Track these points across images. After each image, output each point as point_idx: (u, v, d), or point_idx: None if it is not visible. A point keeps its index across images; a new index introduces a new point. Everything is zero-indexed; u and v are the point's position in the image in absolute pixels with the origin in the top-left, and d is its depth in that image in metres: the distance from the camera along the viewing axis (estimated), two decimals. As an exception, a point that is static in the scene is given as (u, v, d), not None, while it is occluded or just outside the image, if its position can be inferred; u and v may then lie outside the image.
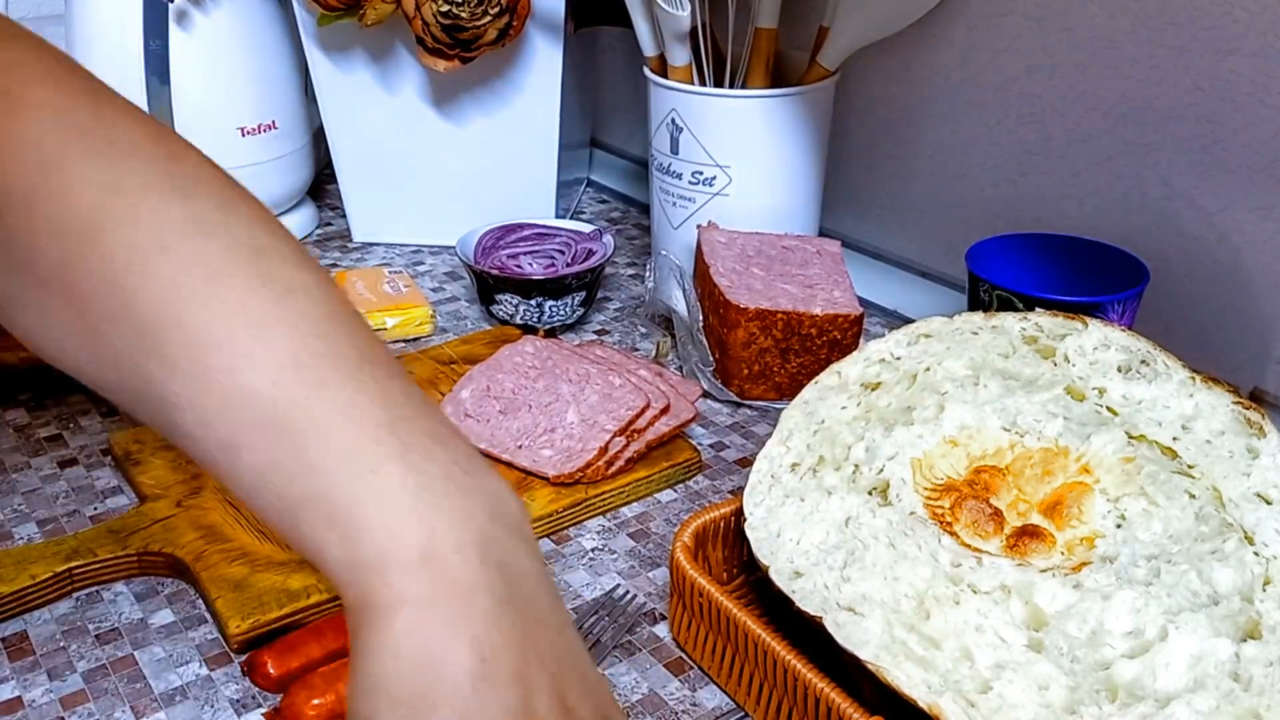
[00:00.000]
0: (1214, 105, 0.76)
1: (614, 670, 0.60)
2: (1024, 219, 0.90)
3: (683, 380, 0.81)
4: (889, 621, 0.52)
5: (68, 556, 0.64)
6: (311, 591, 0.62)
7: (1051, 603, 0.52)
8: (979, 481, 0.60)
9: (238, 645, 0.60)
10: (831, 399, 0.64)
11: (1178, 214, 0.80)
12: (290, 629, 0.61)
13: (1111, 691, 0.49)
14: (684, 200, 0.94)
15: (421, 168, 1.08)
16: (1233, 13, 0.74)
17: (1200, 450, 0.58)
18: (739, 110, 0.89)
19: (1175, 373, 0.61)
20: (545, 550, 0.69)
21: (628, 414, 0.73)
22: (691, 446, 0.77)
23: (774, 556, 0.57)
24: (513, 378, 0.78)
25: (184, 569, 0.65)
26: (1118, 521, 0.57)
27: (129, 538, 0.66)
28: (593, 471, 0.72)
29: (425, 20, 0.92)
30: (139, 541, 0.66)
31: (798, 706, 0.53)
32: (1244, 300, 0.78)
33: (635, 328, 0.97)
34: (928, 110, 0.95)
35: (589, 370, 0.77)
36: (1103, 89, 0.82)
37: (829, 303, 0.81)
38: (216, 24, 1.01)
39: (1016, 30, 0.86)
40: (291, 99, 1.09)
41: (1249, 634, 0.50)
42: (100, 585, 0.65)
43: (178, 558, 0.65)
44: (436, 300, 1.01)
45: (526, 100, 1.03)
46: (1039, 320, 0.66)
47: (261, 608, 0.61)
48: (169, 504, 0.69)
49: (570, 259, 0.94)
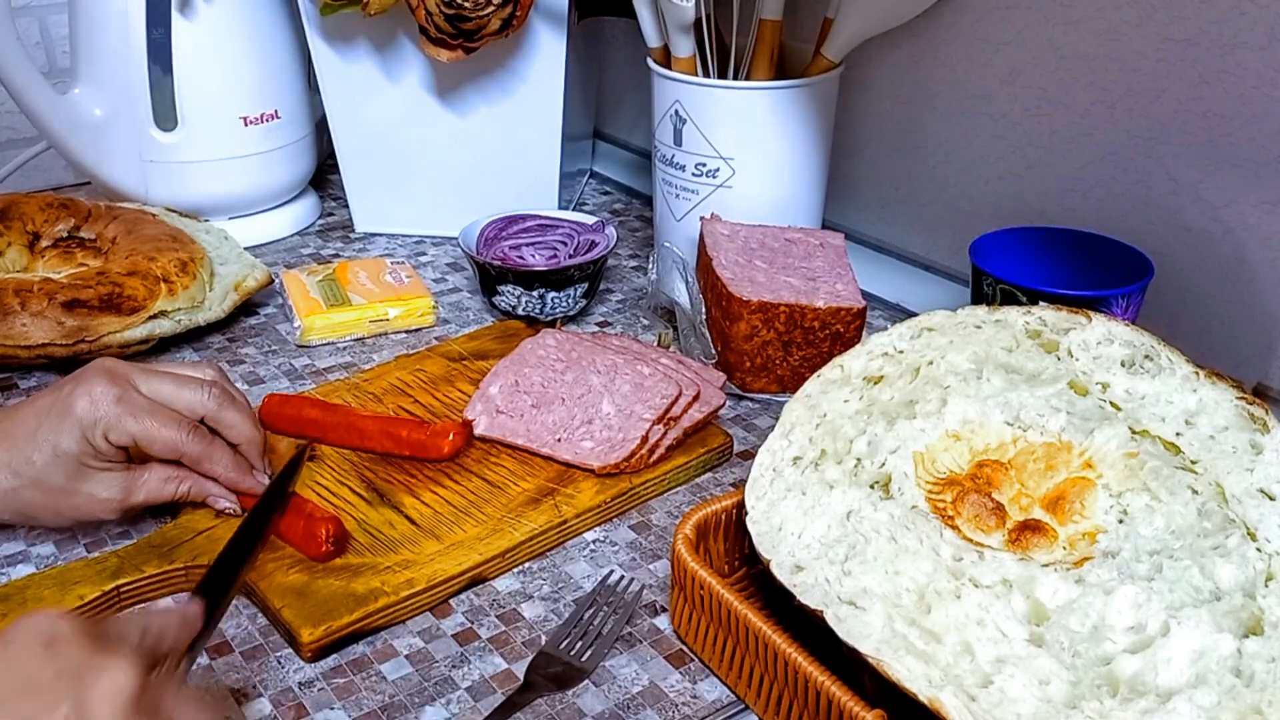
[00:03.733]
0: (1220, 99, 0.76)
1: (615, 662, 0.60)
2: (1028, 212, 0.90)
3: (705, 367, 0.81)
4: (890, 615, 0.52)
5: (114, 574, 0.62)
6: (379, 595, 0.62)
7: (1053, 597, 0.52)
8: (981, 476, 0.60)
9: (310, 654, 0.59)
10: (834, 392, 0.64)
11: (1183, 208, 0.80)
12: (361, 635, 0.61)
13: (1113, 686, 0.49)
14: (687, 192, 0.94)
15: (424, 158, 1.08)
16: (1240, 5, 0.73)
17: (1203, 446, 0.58)
18: (743, 102, 0.89)
19: (1179, 368, 0.61)
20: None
21: (663, 402, 0.74)
22: (724, 432, 0.77)
23: (775, 550, 0.57)
24: (539, 371, 0.78)
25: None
26: (1120, 517, 0.56)
27: (173, 551, 0.65)
28: (636, 461, 0.72)
29: (428, 10, 0.92)
30: (185, 555, 0.64)
31: (798, 699, 0.53)
32: (1249, 295, 0.78)
33: (638, 320, 0.96)
34: (932, 103, 0.95)
35: (615, 361, 0.77)
36: (1108, 82, 0.82)
37: (832, 295, 0.80)
38: (219, 13, 1.01)
39: (1022, 22, 0.86)
40: (294, 89, 1.09)
41: (1251, 630, 0.50)
42: (148, 602, 0.64)
43: None
44: (438, 291, 1.01)
45: (529, 91, 1.03)
46: (1042, 314, 0.65)
47: (331, 614, 0.60)
48: (207, 515, 0.68)
49: (573, 250, 0.93)
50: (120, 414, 0.62)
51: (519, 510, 0.69)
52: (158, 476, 0.66)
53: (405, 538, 0.67)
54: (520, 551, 0.67)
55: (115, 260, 0.90)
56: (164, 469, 0.66)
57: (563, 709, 0.57)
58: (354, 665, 0.60)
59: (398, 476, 0.72)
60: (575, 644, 0.61)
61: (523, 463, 0.74)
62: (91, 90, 1.02)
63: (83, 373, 0.64)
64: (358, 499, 0.70)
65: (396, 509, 0.69)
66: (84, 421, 0.62)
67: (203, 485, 0.67)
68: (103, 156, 1.04)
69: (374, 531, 0.67)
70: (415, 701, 0.57)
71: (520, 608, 0.64)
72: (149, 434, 0.63)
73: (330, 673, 0.59)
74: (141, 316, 0.86)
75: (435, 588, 0.63)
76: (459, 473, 0.73)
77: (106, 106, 1.02)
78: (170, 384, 0.66)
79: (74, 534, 0.69)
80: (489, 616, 0.63)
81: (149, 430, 0.63)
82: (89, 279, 0.86)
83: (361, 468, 0.73)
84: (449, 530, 0.67)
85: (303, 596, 0.61)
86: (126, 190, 1.05)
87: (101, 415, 0.62)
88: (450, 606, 0.64)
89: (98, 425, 0.62)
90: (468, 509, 0.69)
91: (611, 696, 0.58)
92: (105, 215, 0.96)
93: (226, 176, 1.06)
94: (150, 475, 0.65)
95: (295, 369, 0.88)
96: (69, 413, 0.62)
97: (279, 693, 0.58)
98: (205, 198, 1.06)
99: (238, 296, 0.93)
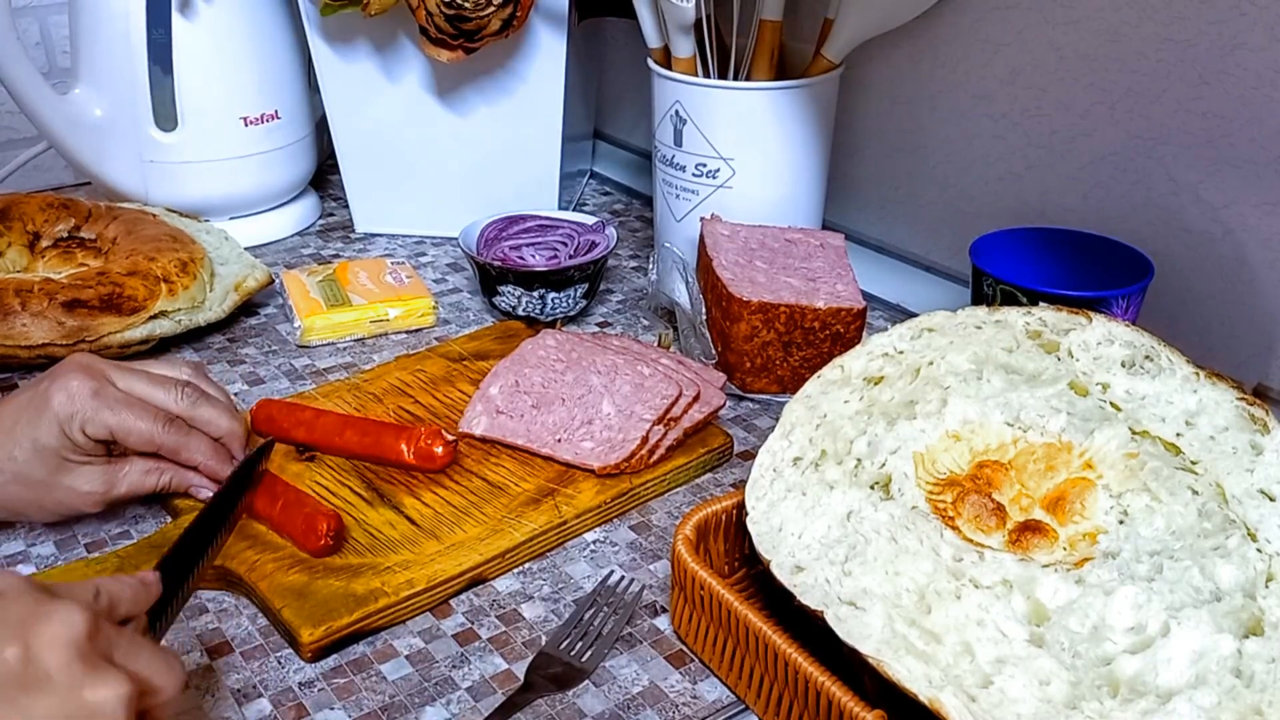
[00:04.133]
0: (1220, 100, 0.76)
1: (615, 662, 0.60)
2: (1028, 213, 0.90)
3: (705, 368, 0.81)
4: (890, 616, 0.52)
5: (114, 574, 0.61)
6: (379, 595, 0.62)
7: (1053, 598, 0.52)
8: (981, 476, 0.60)
9: (311, 654, 0.59)
10: (834, 393, 0.64)
11: (1183, 209, 0.80)
12: (361, 635, 0.61)
13: (1113, 687, 0.49)
14: (687, 192, 0.94)
15: (424, 159, 1.08)
16: (1240, 6, 0.73)
17: (1203, 446, 0.58)
18: (743, 102, 0.89)
19: (1179, 368, 0.61)
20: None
21: (663, 403, 0.74)
22: (724, 432, 0.77)
23: (775, 550, 0.57)
24: (540, 372, 0.78)
25: (236, 580, 0.64)
26: (1120, 517, 0.56)
27: None
28: (636, 461, 0.72)
29: (429, 10, 0.92)
30: None
31: (799, 700, 0.53)
32: (1249, 296, 0.78)
33: (638, 320, 0.96)
34: (932, 103, 0.95)
35: (616, 361, 0.77)
36: (1108, 82, 0.82)
37: (832, 296, 0.80)
38: (220, 13, 1.01)
39: (1022, 23, 0.86)
40: (294, 89, 1.09)
41: (1251, 630, 0.50)
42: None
43: (229, 569, 0.64)
44: (439, 292, 1.01)
45: (530, 91, 1.03)
46: (1043, 315, 0.65)
47: (331, 614, 0.60)
48: None
49: (573, 251, 0.93)
50: (97, 407, 0.63)
51: (519, 511, 0.69)
52: (139, 469, 0.66)
53: (405, 538, 0.67)
54: (520, 552, 0.67)
55: (115, 260, 0.90)
56: (145, 461, 0.67)
57: (563, 709, 0.57)
58: (354, 665, 0.60)
59: (398, 477, 0.72)
60: (575, 644, 0.61)
61: (523, 463, 0.74)
62: (92, 90, 1.02)
63: (59, 368, 0.65)
64: (358, 499, 0.70)
65: (397, 509, 0.69)
66: (61, 416, 0.63)
67: (184, 476, 0.67)
68: (103, 157, 1.04)
69: (374, 532, 0.67)
70: (415, 702, 0.57)
71: (520, 608, 0.64)
72: (125, 426, 0.64)
73: (330, 673, 0.59)
74: (142, 317, 0.86)
75: (435, 588, 0.63)
76: (459, 473, 0.73)
77: (107, 107, 1.02)
78: (144, 382, 0.67)
79: (74, 534, 0.69)
80: (489, 617, 0.63)
81: (125, 422, 0.64)
82: (89, 279, 0.86)
83: (362, 468, 0.73)
84: (449, 530, 0.67)
85: (303, 597, 0.61)
86: (127, 190, 1.05)
87: (78, 409, 0.63)
88: (450, 607, 0.64)
89: (74, 419, 0.63)
90: (468, 509, 0.69)
91: (612, 697, 0.58)
92: (105, 215, 0.96)
93: (227, 177, 1.06)
94: (131, 468, 0.66)
95: (295, 369, 0.88)
96: (46, 408, 0.63)
97: (279, 693, 0.58)
98: (205, 198, 1.06)
99: (238, 297, 0.93)
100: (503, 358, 0.81)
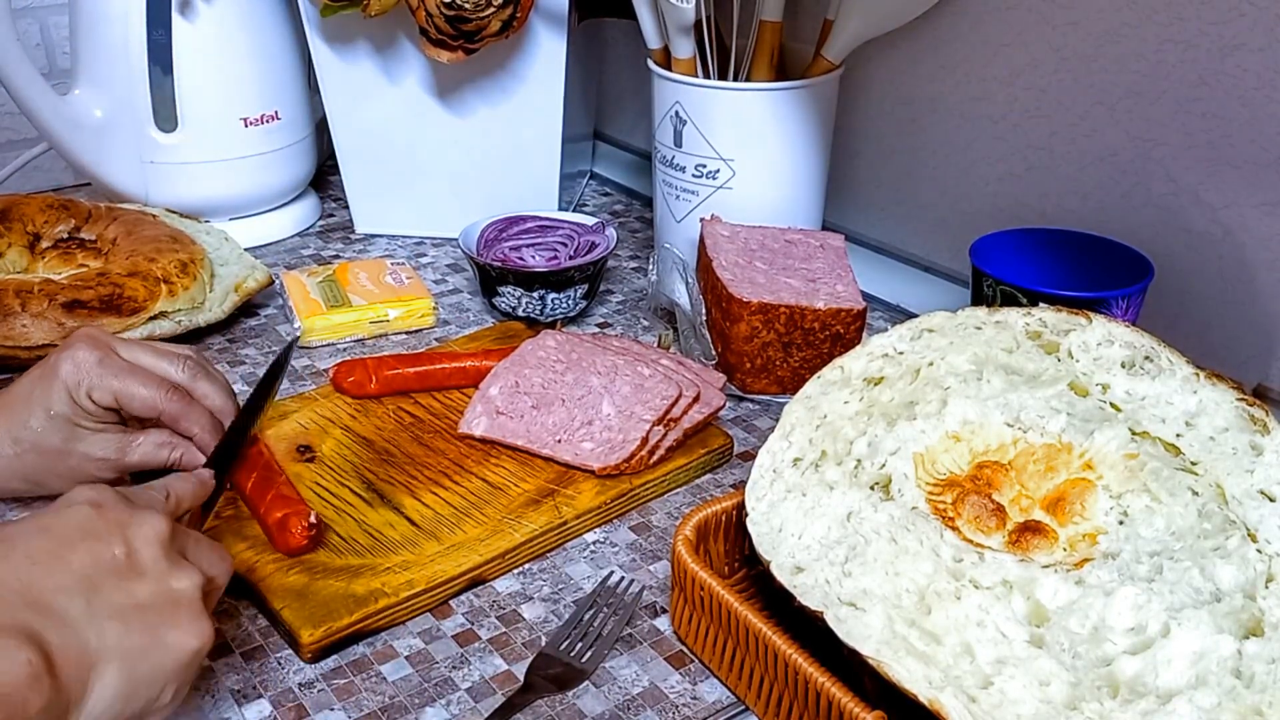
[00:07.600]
0: (1220, 100, 0.76)
1: (615, 663, 0.60)
2: (1028, 214, 0.90)
3: (705, 368, 0.81)
4: (890, 617, 0.52)
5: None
6: (379, 596, 0.62)
7: (1053, 598, 0.52)
8: (981, 477, 0.60)
9: (311, 654, 0.59)
10: (834, 393, 0.64)
11: (1183, 209, 0.80)
12: (361, 636, 0.61)
13: (1113, 688, 0.49)
14: (687, 193, 0.94)
15: (424, 159, 1.08)
16: (1239, 7, 0.73)
17: (1203, 447, 0.58)
18: (743, 103, 0.89)
19: (1179, 369, 0.61)
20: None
21: (663, 404, 0.74)
22: (724, 433, 0.77)
23: (775, 551, 0.57)
24: (539, 372, 0.78)
25: (236, 580, 0.63)
26: (1120, 518, 0.56)
27: None
28: (636, 462, 0.72)
29: (429, 11, 0.92)
30: None
31: (799, 700, 0.53)
32: (1249, 296, 0.78)
33: (638, 321, 0.96)
34: (932, 104, 0.95)
35: (616, 362, 0.77)
36: (1108, 83, 0.82)
37: (832, 297, 0.80)
38: (220, 14, 1.01)
39: (1022, 24, 0.86)
40: (294, 90, 1.09)
41: (1251, 631, 0.50)
42: None
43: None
44: (439, 292, 1.01)
45: (530, 92, 1.03)
46: (1043, 315, 0.65)
47: (331, 615, 0.60)
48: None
49: (573, 251, 0.93)
50: (102, 374, 0.66)
51: (519, 511, 0.69)
52: (152, 441, 0.69)
53: (405, 539, 0.67)
54: (520, 553, 0.67)
55: (115, 261, 0.90)
56: (158, 434, 0.69)
57: (563, 710, 0.57)
58: (354, 666, 0.60)
59: (398, 477, 0.72)
60: (575, 645, 0.61)
61: (523, 464, 0.74)
62: (92, 91, 1.02)
63: (68, 341, 0.68)
64: (358, 499, 0.70)
65: (397, 510, 0.69)
66: (68, 383, 0.66)
67: (194, 454, 0.69)
68: (103, 157, 1.04)
69: (374, 532, 0.67)
70: (415, 702, 0.57)
71: (520, 609, 0.64)
72: (129, 391, 0.67)
73: (330, 674, 0.59)
74: (142, 317, 0.86)
75: (435, 589, 0.63)
76: (459, 474, 0.73)
77: (107, 107, 1.02)
78: (149, 353, 0.70)
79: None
80: (489, 617, 0.63)
81: (129, 387, 0.67)
82: (89, 280, 0.86)
83: (362, 468, 0.73)
84: (449, 531, 0.67)
85: (303, 597, 0.61)
86: (127, 191, 1.05)
87: (84, 376, 0.66)
88: (450, 607, 0.64)
89: (81, 385, 0.66)
90: (468, 510, 0.69)
91: (611, 698, 0.58)
92: (106, 216, 0.96)
93: (227, 177, 1.06)
94: (145, 439, 0.69)
95: (295, 370, 0.88)
96: (55, 377, 0.66)
97: (279, 693, 0.58)
98: (205, 199, 1.06)
99: (238, 297, 0.93)
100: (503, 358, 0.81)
